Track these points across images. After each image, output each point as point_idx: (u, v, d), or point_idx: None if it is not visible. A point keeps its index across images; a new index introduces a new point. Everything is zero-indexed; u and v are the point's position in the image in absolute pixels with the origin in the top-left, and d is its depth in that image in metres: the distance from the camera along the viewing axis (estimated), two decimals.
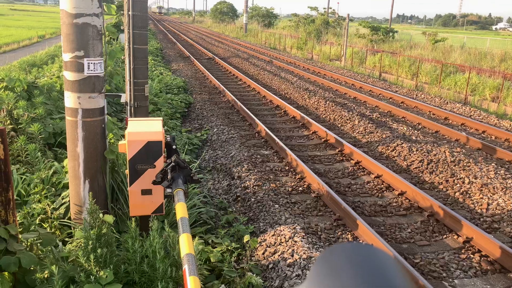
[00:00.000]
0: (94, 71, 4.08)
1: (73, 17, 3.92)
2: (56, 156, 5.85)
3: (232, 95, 11.75)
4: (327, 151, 7.84)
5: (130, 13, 6.56)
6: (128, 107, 7.00)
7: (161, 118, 3.62)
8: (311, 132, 8.95)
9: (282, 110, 10.82)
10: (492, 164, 6.91)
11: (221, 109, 10.78)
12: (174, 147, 3.32)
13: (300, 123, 9.61)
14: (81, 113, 4.11)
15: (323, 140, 8.37)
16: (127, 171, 3.34)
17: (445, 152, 7.33)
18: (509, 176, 6.44)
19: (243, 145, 7.76)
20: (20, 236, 3.21)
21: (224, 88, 12.81)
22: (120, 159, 4.46)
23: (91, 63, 4.06)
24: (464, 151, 7.58)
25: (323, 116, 10.52)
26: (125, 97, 7.25)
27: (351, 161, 7.27)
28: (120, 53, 5.15)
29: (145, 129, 3.30)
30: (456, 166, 6.88)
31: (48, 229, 4.02)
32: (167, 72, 15.14)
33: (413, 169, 7.06)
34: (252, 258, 4.28)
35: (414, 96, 14.02)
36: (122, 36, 12.08)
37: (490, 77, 15.04)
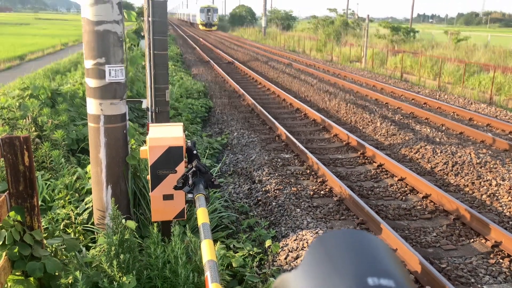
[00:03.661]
0: (115, 77, 4.12)
1: (94, 24, 3.97)
2: (79, 162, 5.93)
3: (251, 99, 11.75)
4: (349, 154, 7.75)
5: (150, 19, 6.62)
6: (149, 113, 7.06)
7: (182, 124, 3.63)
8: (332, 135, 8.87)
9: (302, 113, 10.76)
10: None
11: (241, 113, 10.79)
12: (195, 152, 3.31)
13: (321, 126, 9.53)
14: (103, 120, 4.15)
15: (344, 143, 8.28)
16: (148, 177, 3.35)
17: (470, 154, 7.16)
18: None
19: (263, 149, 7.74)
20: (45, 241, 3.25)
21: (244, 92, 12.83)
22: (142, 165, 4.49)
23: (112, 69, 4.10)
24: (490, 152, 7.38)
25: (344, 119, 10.41)
26: (146, 103, 7.32)
27: (374, 163, 7.16)
28: (140, 59, 5.21)
29: (166, 134, 3.31)
30: (482, 168, 6.71)
31: (72, 235, 4.07)
32: (187, 77, 15.25)
33: (438, 171, 6.92)
34: (274, 263, 4.24)
35: (437, 96, 13.77)
36: (142, 42, 12.22)
37: None
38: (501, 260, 4.47)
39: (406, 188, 6.23)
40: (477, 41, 27.25)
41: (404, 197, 5.97)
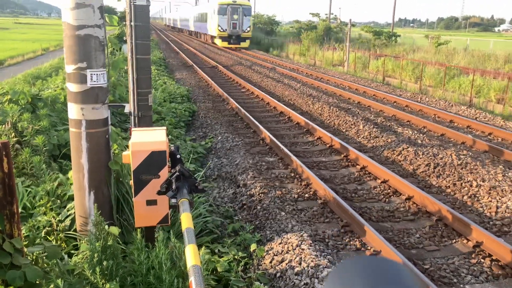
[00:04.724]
0: (97, 82, 4.08)
1: (75, 28, 3.93)
2: (61, 168, 5.84)
3: (235, 103, 11.75)
4: (333, 157, 7.80)
5: (132, 23, 6.58)
6: (132, 117, 7.00)
7: (165, 128, 3.60)
8: (315, 138, 8.91)
9: (286, 117, 10.79)
10: (500, 166, 6.85)
11: (225, 117, 10.77)
12: (178, 156, 3.29)
13: (305, 129, 9.58)
14: (84, 124, 4.10)
15: (328, 145, 8.33)
16: (131, 182, 3.32)
17: (451, 155, 7.27)
18: None
19: (247, 153, 7.74)
20: (25, 249, 3.19)
21: (228, 96, 12.82)
22: (125, 170, 4.44)
23: (94, 74, 4.06)
24: (470, 153, 7.51)
25: (328, 122, 10.48)
26: (129, 107, 7.25)
27: (357, 166, 7.22)
28: (123, 64, 5.15)
29: (148, 139, 3.28)
30: (463, 169, 6.81)
31: (54, 242, 4.00)
32: (170, 81, 15.18)
33: (420, 173, 7.00)
34: (259, 267, 4.23)
35: (419, 99, 13.97)
36: (125, 47, 12.13)
37: (495, 78, 14.96)
38: (482, 260, 4.54)
39: (389, 190, 6.29)
40: (457, 45, 27.75)
41: (387, 199, 6.03)
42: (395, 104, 13.06)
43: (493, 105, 13.16)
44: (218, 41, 34.96)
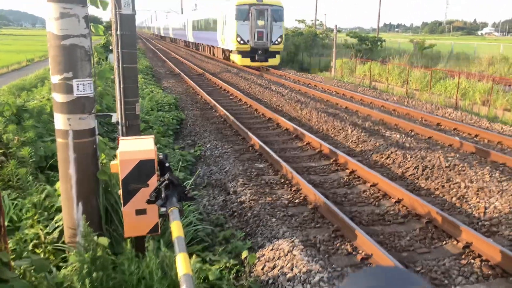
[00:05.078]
0: (83, 91, 4.05)
1: (61, 38, 3.89)
2: (48, 179, 5.77)
3: (224, 110, 11.74)
4: (322, 162, 7.82)
5: (118, 32, 6.55)
6: (120, 127, 6.96)
7: (153, 136, 3.58)
8: (304, 143, 8.93)
9: (275, 123, 10.81)
10: (487, 167, 6.92)
11: (214, 124, 10.75)
12: (167, 164, 3.27)
13: (294, 135, 9.59)
14: (71, 135, 4.06)
15: (317, 151, 8.35)
16: (120, 191, 3.28)
17: (439, 158, 7.34)
18: (504, 178, 6.44)
19: (237, 160, 7.72)
20: (12, 263, 3.13)
21: (216, 103, 12.80)
22: (113, 180, 4.40)
23: (80, 83, 4.02)
24: (458, 155, 7.58)
25: (316, 127, 10.51)
26: (116, 117, 7.20)
27: (346, 170, 7.24)
28: (109, 73, 5.13)
29: (136, 147, 3.25)
30: (451, 171, 6.87)
31: (42, 255, 3.93)
32: (158, 90, 15.13)
33: (409, 176, 7.05)
34: (251, 274, 4.21)
35: (405, 103, 14.10)
36: (111, 56, 12.07)
37: (480, 81, 15.17)
38: (472, 261, 4.57)
39: (379, 194, 6.32)
40: (442, 48, 28.12)
41: (377, 203, 6.05)
42: (382, 108, 13.16)
43: (478, 107, 13.33)
44: (236, 58, 24.47)
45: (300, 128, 9.59)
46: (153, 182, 3.24)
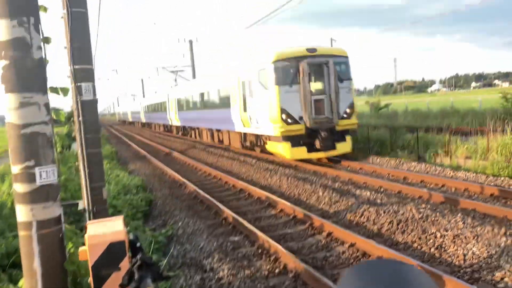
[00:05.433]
0: (47, 179, 3.93)
1: (21, 127, 3.85)
2: (11, 277, 5.39)
3: (193, 186, 11.62)
4: (298, 227, 7.72)
5: (80, 119, 6.55)
6: (87, 214, 6.73)
7: (122, 216, 3.46)
8: (278, 210, 8.86)
9: (246, 193, 10.74)
10: (458, 214, 7.01)
11: (184, 202, 10.57)
12: (138, 245, 3.15)
13: (266, 203, 9.52)
14: (35, 226, 3.88)
15: (291, 216, 8.27)
16: (90, 279, 3.09)
17: (411, 210, 7.40)
18: (477, 223, 6.53)
19: (211, 235, 7.52)
20: None
21: (185, 180, 12.68)
22: (82, 269, 4.16)
23: (43, 171, 3.92)
24: (429, 206, 7.68)
25: (288, 193, 10.51)
26: (82, 204, 7.00)
27: (323, 233, 7.16)
28: (73, 158, 5.03)
29: (106, 230, 3.13)
30: (425, 222, 6.92)
31: None
32: (124, 173, 14.92)
33: (385, 231, 7.03)
34: None
35: (370, 161, 14.41)
36: (75, 145, 11.97)
37: (438, 133, 15.82)
38: None
39: (358, 253, 6.23)
40: (397, 107, 29.51)
41: (357, 262, 5.94)
42: (349, 168, 13.38)
43: (441, 158, 13.77)
44: (281, 148, 14.60)
45: (272, 195, 9.56)
46: (125, 264, 3.09)
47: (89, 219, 6.63)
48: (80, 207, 7.17)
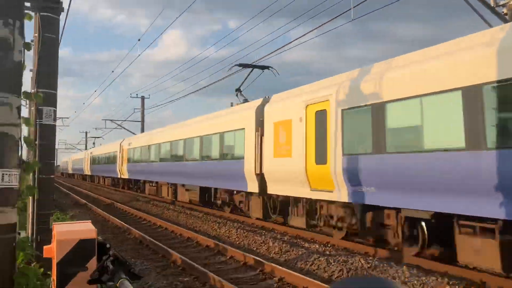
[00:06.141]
0: (9, 183, 3.79)
1: None
2: None
3: (139, 232, 11.23)
4: (249, 273, 7.62)
5: (37, 142, 6.42)
6: (31, 242, 6.36)
7: (90, 221, 3.37)
8: (228, 257, 8.72)
9: (194, 241, 10.51)
10: (404, 266, 7.26)
11: (129, 245, 10.17)
12: (108, 245, 3.07)
13: (216, 250, 9.36)
14: None
15: (242, 263, 8.17)
16: (53, 277, 2.94)
17: (360, 260, 7.57)
18: (422, 274, 6.78)
19: (159, 274, 7.25)
20: None
21: (129, 227, 12.25)
22: (31, 283, 3.90)
23: (6, 174, 3.79)
24: (376, 258, 7.89)
25: (237, 243, 10.40)
26: (25, 232, 6.66)
27: (274, 278, 7.12)
28: (37, 164, 4.83)
29: (76, 228, 3.03)
30: (374, 270, 7.09)
31: None
32: (64, 217, 14.18)
33: (336, 278, 7.11)
34: None
35: None
36: None
37: None
38: None
39: None
40: None
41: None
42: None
43: None
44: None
45: (221, 243, 9.42)
46: (92, 265, 2.98)
47: (32, 248, 6.27)
48: (22, 234, 6.79)
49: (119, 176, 31.07)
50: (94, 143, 49.69)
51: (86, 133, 77.82)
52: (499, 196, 6.09)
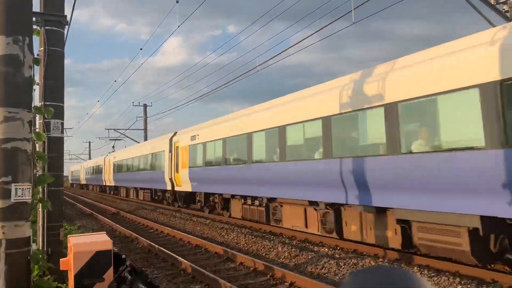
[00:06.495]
0: (22, 197, 3.84)
1: (2, 142, 3.81)
2: None
3: (147, 240, 11.26)
4: (259, 278, 7.63)
5: (46, 155, 6.48)
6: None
7: (104, 232, 3.41)
8: (237, 263, 8.73)
9: (203, 248, 10.53)
10: (415, 268, 7.26)
11: (138, 254, 10.19)
12: (123, 256, 3.10)
13: (225, 257, 9.36)
14: (4, 245, 3.73)
15: (252, 269, 8.18)
16: None
17: (370, 263, 7.57)
18: (433, 274, 6.78)
19: (170, 282, 7.27)
20: None
21: (137, 235, 12.27)
22: None
23: (19, 188, 3.84)
24: (386, 260, 7.89)
25: (246, 249, 10.41)
26: (35, 245, 6.70)
27: (285, 283, 7.12)
28: (49, 178, 4.88)
29: (92, 239, 3.07)
30: None
31: None
32: (72, 227, 14.23)
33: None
34: None
35: None
36: None
37: None
38: None
39: None
40: None
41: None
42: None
43: None
44: None
45: (230, 250, 9.43)
46: (109, 276, 3.01)
47: (45, 260, 6.31)
48: (33, 247, 6.83)
49: (168, 188, 22.01)
50: (113, 146, 45.55)
51: (89, 143, 78.89)
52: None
